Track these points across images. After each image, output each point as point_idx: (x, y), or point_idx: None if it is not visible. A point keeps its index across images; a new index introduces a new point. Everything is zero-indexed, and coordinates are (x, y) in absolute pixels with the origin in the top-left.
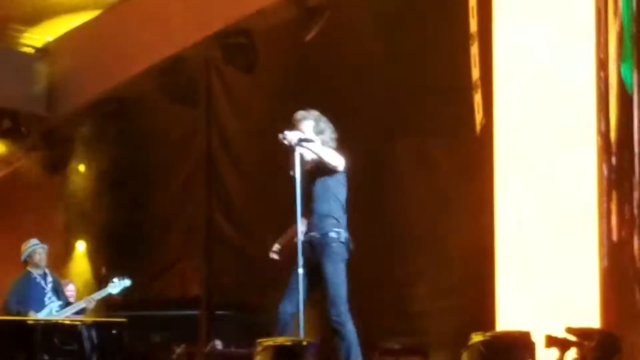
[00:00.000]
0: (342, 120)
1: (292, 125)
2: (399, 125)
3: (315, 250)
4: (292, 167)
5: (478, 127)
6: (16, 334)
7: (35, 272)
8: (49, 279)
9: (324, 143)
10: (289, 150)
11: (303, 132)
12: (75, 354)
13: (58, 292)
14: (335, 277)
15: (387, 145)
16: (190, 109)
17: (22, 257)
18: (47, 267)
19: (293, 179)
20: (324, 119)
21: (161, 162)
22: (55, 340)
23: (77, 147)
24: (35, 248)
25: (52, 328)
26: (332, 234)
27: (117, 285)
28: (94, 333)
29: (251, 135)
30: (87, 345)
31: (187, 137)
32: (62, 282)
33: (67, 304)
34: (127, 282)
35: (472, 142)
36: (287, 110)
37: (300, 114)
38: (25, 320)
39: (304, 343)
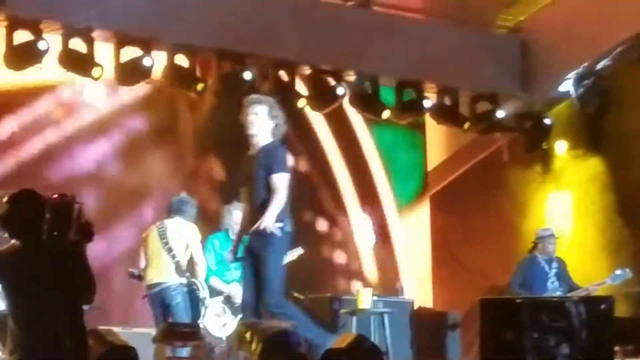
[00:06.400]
0: None
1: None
2: None
3: None
4: None
5: None
6: (505, 312)
7: (541, 257)
8: (554, 264)
9: (277, 127)
10: None
11: (257, 114)
12: (563, 330)
13: (563, 278)
14: None
15: None
16: None
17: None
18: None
19: None
20: (277, 105)
21: None
22: (543, 317)
23: (554, 126)
24: (545, 236)
25: (539, 305)
26: None
27: (618, 277)
28: (582, 309)
29: None
30: (575, 321)
31: None
32: None
33: (570, 290)
34: (627, 274)
35: None
36: None
37: (254, 97)
38: (513, 299)
39: None
